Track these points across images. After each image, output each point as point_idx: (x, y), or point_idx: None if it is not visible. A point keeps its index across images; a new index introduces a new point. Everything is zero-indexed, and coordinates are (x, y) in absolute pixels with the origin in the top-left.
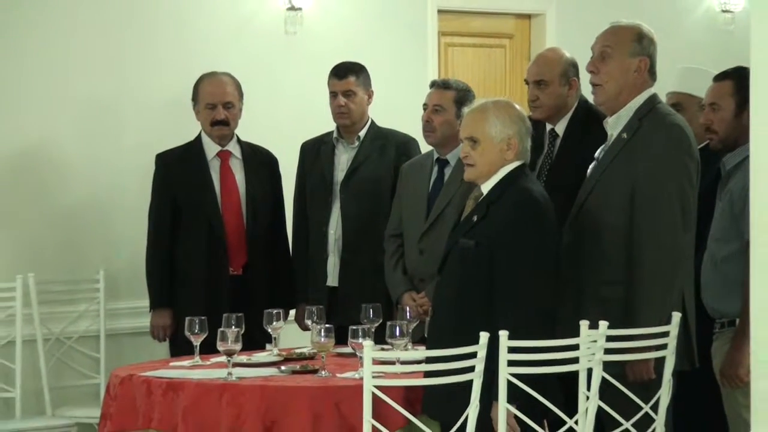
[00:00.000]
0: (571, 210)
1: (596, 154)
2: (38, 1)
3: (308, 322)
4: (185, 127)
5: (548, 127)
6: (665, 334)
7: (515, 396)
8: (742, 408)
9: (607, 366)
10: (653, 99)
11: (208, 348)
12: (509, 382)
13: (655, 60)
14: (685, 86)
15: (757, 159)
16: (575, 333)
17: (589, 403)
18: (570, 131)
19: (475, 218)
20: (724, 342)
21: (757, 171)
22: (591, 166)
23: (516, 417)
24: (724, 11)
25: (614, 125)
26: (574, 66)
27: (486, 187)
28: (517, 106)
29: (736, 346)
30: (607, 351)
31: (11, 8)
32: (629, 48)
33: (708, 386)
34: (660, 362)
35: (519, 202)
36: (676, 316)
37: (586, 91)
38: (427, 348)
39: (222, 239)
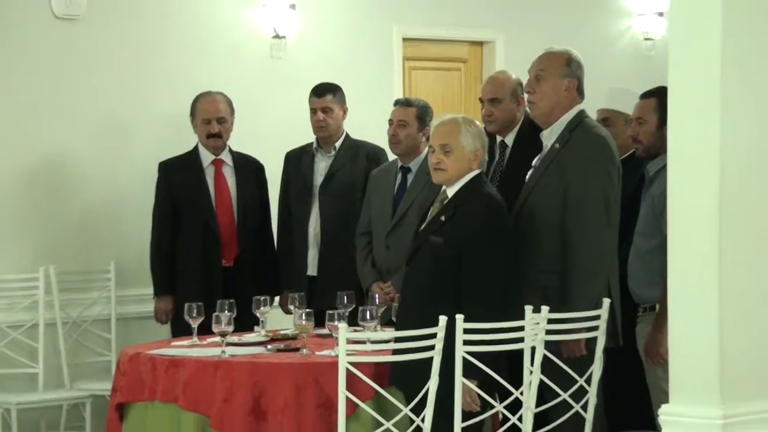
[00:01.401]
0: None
1: (534, 162)
2: (59, 33)
3: (291, 307)
4: (184, 139)
5: (499, 138)
6: (596, 317)
7: (474, 373)
8: (662, 380)
9: (546, 345)
10: (581, 114)
11: (205, 330)
12: (465, 359)
13: (582, 80)
14: (612, 104)
15: (673, 166)
16: (520, 316)
17: (532, 377)
18: (517, 142)
19: (443, 218)
20: (647, 324)
21: (674, 176)
22: (529, 173)
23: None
24: (646, 39)
25: (548, 137)
26: (520, 85)
27: (451, 191)
28: (479, 123)
29: (657, 328)
30: (549, 332)
31: (38, 38)
32: (560, 71)
33: (633, 362)
34: (591, 341)
35: (485, 207)
36: (606, 302)
37: None
38: (398, 329)
39: (216, 236)
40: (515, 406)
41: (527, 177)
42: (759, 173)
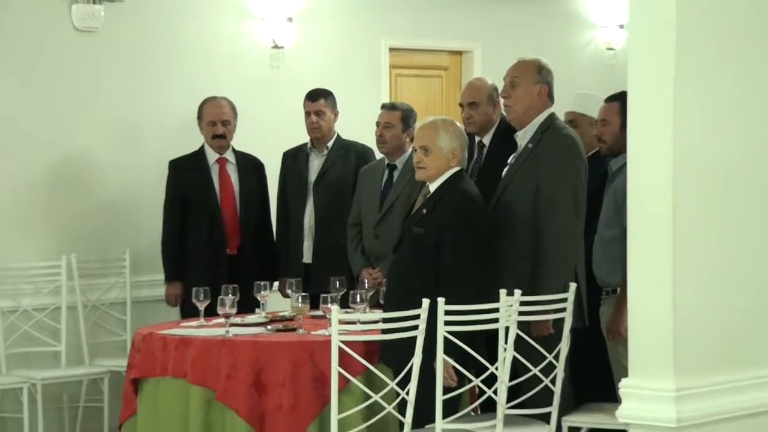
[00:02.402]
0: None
1: (509, 160)
2: (79, 44)
3: (288, 291)
4: (191, 140)
5: (477, 139)
6: (564, 300)
7: (453, 351)
8: (622, 357)
9: (519, 325)
10: (552, 117)
11: (211, 312)
12: (446, 338)
13: (552, 86)
14: (578, 107)
15: (632, 164)
16: (496, 297)
17: (506, 354)
18: (494, 142)
19: (424, 211)
20: (609, 306)
21: (633, 173)
22: (505, 170)
23: (454, 368)
24: (608, 49)
25: (522, 137)
26: (496, 90)
27: (433, 187)
28: (459, 124)
29: (618, 309)
30: (521, 313)
31: (60, 48)
32: (533, 77)
33: (597, 341)
34: (559, 321)
35: (461, 201)
36: (573, 286)
37: None
38: (384, 310)
39: (220, 227)
40: (491, 381)
41: (503, 173)
42: (708, 171)
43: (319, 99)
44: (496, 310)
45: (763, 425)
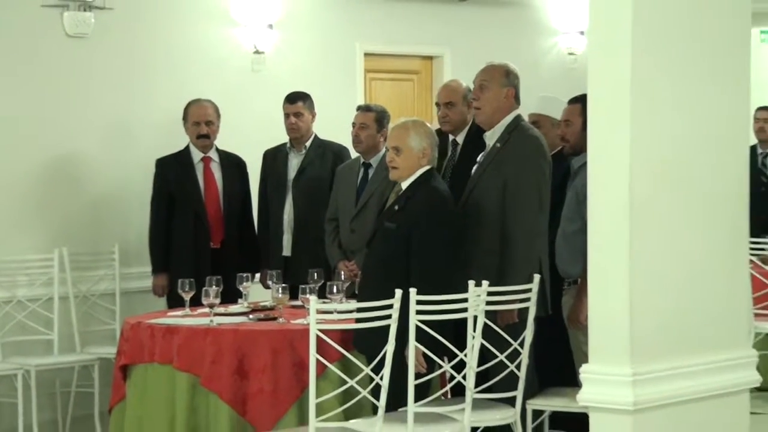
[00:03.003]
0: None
1: (478, 159)
2: (71, 49)
3: (269, 283)
4: (177, 139)
5: (451, 137)
6: (529, 290)
7: (424, 338)
8: (583, 344)
9: (486, 314)
10: (518, 118)
11: (196, 302)
12: (417, 327)
13: (518, 89)
14: (542, 109)
15: (593, 162)
16: (465, 288)
17: (474, 341)
18: (467, 141)
19: (396, 207)
20: (571, 296)
21: (593, 171)
22: (474, 168)
23: (424, 355)
24: (569, 54)
25: (491, 137)
26: (470, 92)
27: (405, 184)
28: (429, 125)
29: (578, 299)
30: (488, 303)
31: (53, 53)
32: (500, 81)
33: (559, 329)
34: (524, 311)
35: (431, 198)
36: (537, 277)
37: None
38: (358, 301)
39: (205, 222)
40: (460, 366)
41: (473, 171)
42: (663, 168)
43: (297, 101)
44: (465, 300)
45: (712, 407)
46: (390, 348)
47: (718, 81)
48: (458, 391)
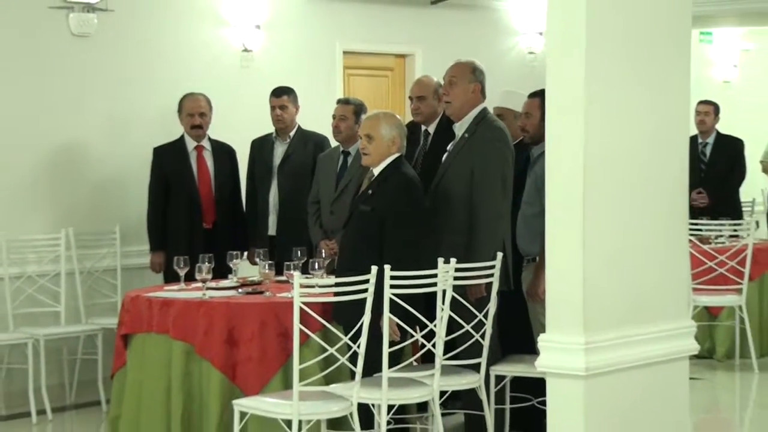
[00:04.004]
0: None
1: (448, 148)
2: (75, 47)
3: (257, 260)
4: (173, 129)
5: (423, 128)
6: (493, 267)
7: (397, 310)
8: (541, 315)
9: (454, 288)
10: (484, 111)
11: (190, 277)
12: (391, 300)
13: (485, 84)
14: (505, 103)
15: (550, 151)
16: (435, 266)
17: (443, 313)
18: (438, 131)
19: (370, 191)
20: (530, 272)
21: (551, 159)
22: (444, 156)
23: (398, 325)
24: (529, 53)
25: (460, 128)
26: (440, 86)
27: (377, 170)
28: (398, 116)
29: (537, 275)
30: (456, 278)
31: (59, 50)
32: (468, 77)
33: (520, 301)
34: (489, 285)
35: (400, 182)
36: (500, 255)
37: None
38: (336, 277)
39: (198, 205)
40: (430, 336)
41: (443, 159)
42: (612, 157)
43: (282, 95)
44: (435, 275)
45: (656, 373)
46: (366, 319)
47: (662, 77)
48: (428, 358)
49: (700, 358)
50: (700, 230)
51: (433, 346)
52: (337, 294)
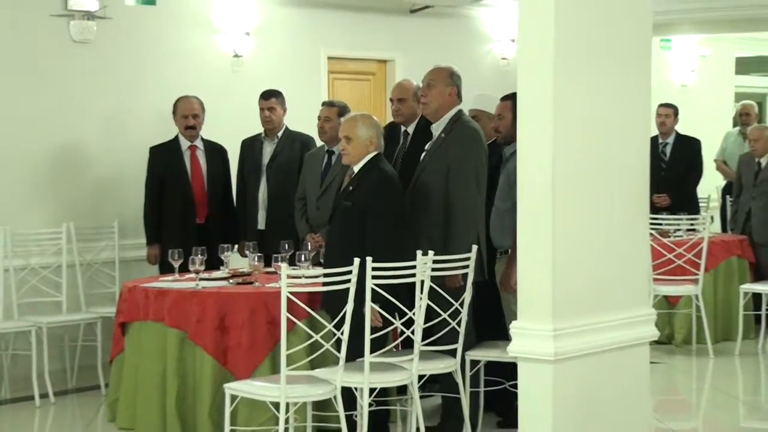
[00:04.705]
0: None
1: (426, 147)
2: (76, 52)
3: (246, 252)
4: (168, 130)
5: (403, 128)
6: (468, 259)
7: (379, 299)
8: (513, 304)
9: (432, 279)
10: (460, 113)
11: (183, 269)
12: (372, 290)
13: (460, 88)
14: (479, 105)
15: (521, 151)
16: (414, 257)
17: (422, 302)
18: (416, 131)
19: (351, 188)
20: (503, 264)
21: (522, 158)
22: (422, 154)
23: (379, 314)
24: (502, 59)
25: (437, 128)
26: (419, 89)
27: (356, 168)
28: (375, 117)
29: (509, 266)
30: (433, 269)
31: (61, 56)
32: (445, 81)
33: (493, 291)
34: (465, 276)
35: (379, 179)
36: (475, 248)
37: None
38: (324, 268)
39: (191, 201)
40: (410, 323)
41: (421, 157)
42: (579, 156)
43: (271, 98)
44: (414, 267)
45: (619, 357)
46: (349, 307)
47: (625, 81)
48: (408, 344)
49: (659, 343)
50: (660, 224)
51: (412, 332)
52: (324, 284)
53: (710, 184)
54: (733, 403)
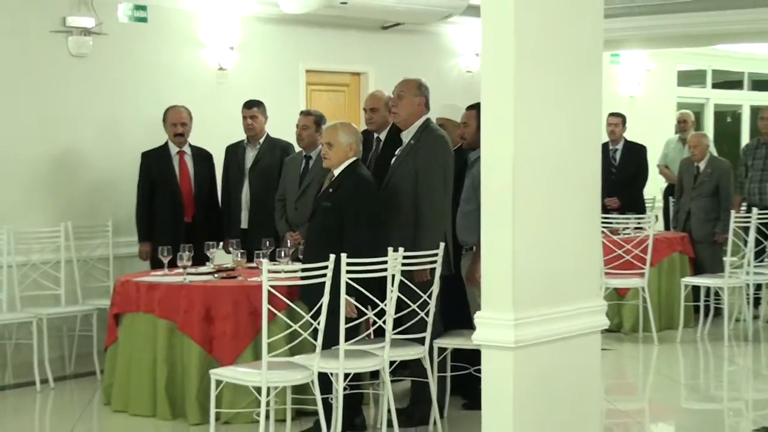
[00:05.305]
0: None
1: (396, 152)
2: (74, 65)
3: (230, 249)
4: (158, 137)
5: (375, 135)
6: (436, 255)
7: (353, 292)
8: (477, 296)
9: (403, 273)
10: (428, 121)
11: (173, 264)
12: (347, 283)
13: (428, 98)
14: (446, 114)
15: (485, 156)
16: (386, 254)
17: (393, 294)
18: (388, 138)
19: (330, 190)
20: (468, 259)
21: (485, 163)
22: (393, 159)
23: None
24: (467, 71)
25: (407, 136)
26: (390, 99)
27: (336, 172)
28: (354, 126)
29: (474, 261)
30: (404, 264)
31: (60, 69)
32: (414, 92)
33: (459, 284)
34: (433, 271)
35: (357, 182)
36: (442, 245)
37: None
38: (303, 263)
39: (180, 202)
40: (382, 314)
41: (392, 162)
42: (538, 161)
43: (253, 107)
44: (386, 262)
45: (574, 345)
46: (326, 299)
47: (579, 93)
48: (380, 333)
49: (610, 331)
50: (610, 223)
51: (384, 322)
52: (301, 278)
53: (655, 187)
54: (675, 385)
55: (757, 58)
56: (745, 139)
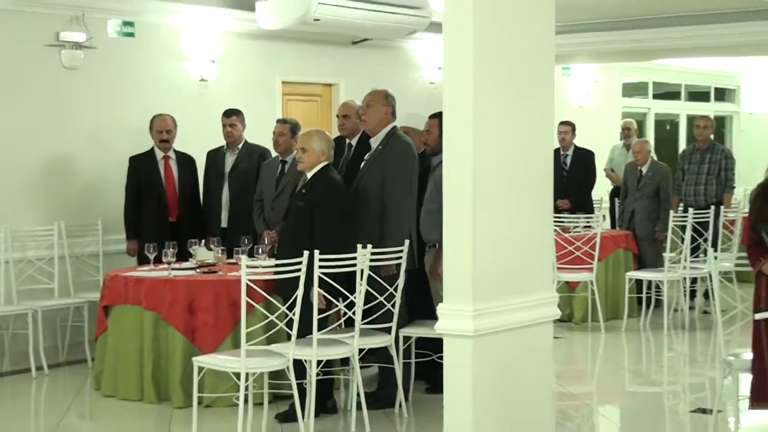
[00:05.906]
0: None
1: (365, 157)
2: (67, 77)
3: (212, 246)
4: (144, 143)
5: (347, 141)
6: (401, 251)
7: (324, 285)
8: (439, 289)
9: (371, 268)
10: (394, 129)
11: (158, 260)
12: (319, 277)
13: (395, 107)
14: (411, 122)
15: (447, 161)
16: (355, 250)
17: (361, 287)
18: (359, 144)
19: (304, 191)
20: (431, 255)
21: (447, 167)
22: (363, 163)
23: (325, 298)
24: (430, 83)
25: (375, 142)
26: (360, 108)
27: (309, 175)
28: (327, 133)
29: (436, 257)
30: (371, 260)
31: (53, 80)
32: (381, 101)
33: (423, 278)
34: (398, 266)
35: (328, 184)
36: (407, 242)
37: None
38: (278, 259)
39: (165, 203)
40: (351, 305)
41: (362, 165)
42: (496, 165)
43: (232, 116)
44: (354, 258)
45: (528, 333)
46: (299, 292)
47: (533, 103)
48: (349, 323)
49: (561, 321)
50: (562, 222)
51: (354, 313)
52: (277, 273)
53: (602, 189)
54: (620, 371)
55: (693, 72)
56: (682, 145)
